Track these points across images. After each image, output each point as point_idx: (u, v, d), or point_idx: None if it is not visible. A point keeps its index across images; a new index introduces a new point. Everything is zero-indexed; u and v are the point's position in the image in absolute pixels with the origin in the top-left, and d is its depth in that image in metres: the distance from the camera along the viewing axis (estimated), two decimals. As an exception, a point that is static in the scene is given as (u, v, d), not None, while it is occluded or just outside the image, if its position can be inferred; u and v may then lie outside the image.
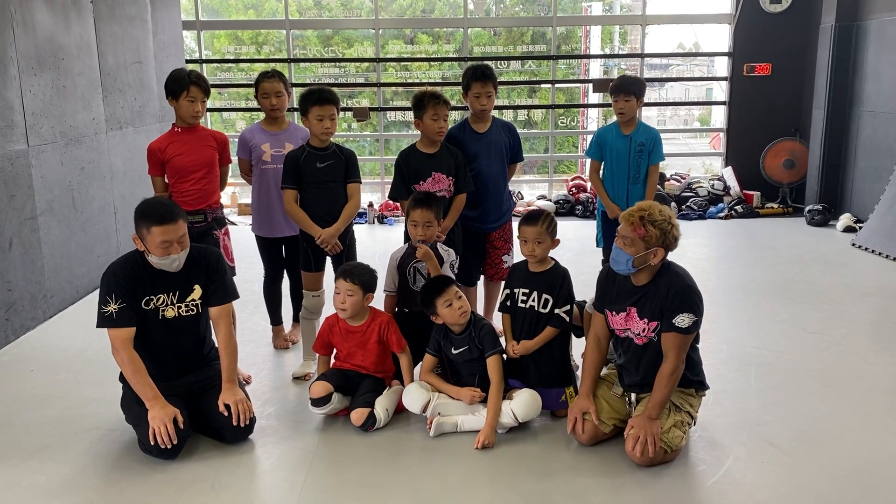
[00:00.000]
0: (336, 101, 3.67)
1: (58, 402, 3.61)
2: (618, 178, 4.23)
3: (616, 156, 4.22)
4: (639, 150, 4.17)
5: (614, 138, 4.24)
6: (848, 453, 3.02)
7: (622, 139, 4.21)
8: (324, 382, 3.30)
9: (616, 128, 4.26)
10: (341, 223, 3.69)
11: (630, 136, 4.19)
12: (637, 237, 2.86)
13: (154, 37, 6.67)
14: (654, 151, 4.21)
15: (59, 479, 2.91)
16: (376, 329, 3.42)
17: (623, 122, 4.22)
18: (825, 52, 7.58)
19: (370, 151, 9.80)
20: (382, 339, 3.42)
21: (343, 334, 3.44)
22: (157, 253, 2.99)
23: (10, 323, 4.45)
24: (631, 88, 4.14)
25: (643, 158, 4.18)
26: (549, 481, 2.85)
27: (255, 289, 4.43)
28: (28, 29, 4.73)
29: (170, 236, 2.98)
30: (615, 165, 4.24)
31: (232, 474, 2.93)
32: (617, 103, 4.16)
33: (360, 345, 3.42)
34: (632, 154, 4.17)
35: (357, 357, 3.43)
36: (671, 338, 2.89)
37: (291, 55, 8.64)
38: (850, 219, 7.14)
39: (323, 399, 3.27)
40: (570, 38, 10.78)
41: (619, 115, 4.19)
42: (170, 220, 2.98)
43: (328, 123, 3.62)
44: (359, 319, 3.43)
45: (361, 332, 3.42)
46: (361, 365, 3.43)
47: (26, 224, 4.64)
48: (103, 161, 5.69)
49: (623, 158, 4.20)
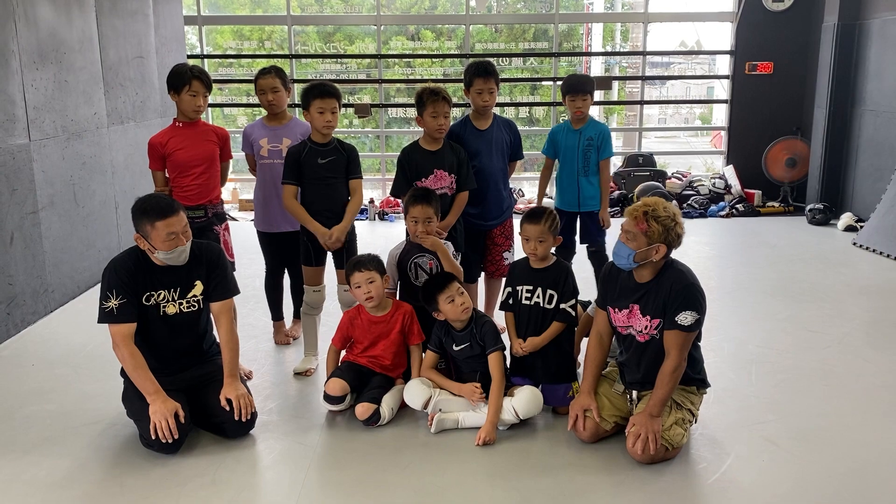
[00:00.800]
0: (338, 94, 3.66)
1: (59, 397, 3.61)
2: (569, 171, 4.41)
3: (566, 150, 4.40)
4: (587, 143, 4.35)
5: (565, 135, 4.42)
6: (849, 452, 3.03)
7: (572, 134, 4.39)
8: (342, 381, 3.30)
9: (567, 125, 4.45)
10: (347, 220, 3.69)
11: (580, 131, 4.36)
12: (639, 231, 2.86)
13: (156, 31, 6.66)
14: (604, 146, 4.38)
15: (60, 473, 2.91)
16: (400, 319, 3.43)
17: (576, 120, 4.38)
18: (827, 51, 7.57)
19: (371, 148, 9.80)
20: (405, 330, 3.43)
21: (366, 325, 3.44)
22: (164, 247, 2.99)
23: (11, 317, 4.45)
24: (588, 88, 4.32)
25: (592, 152, 4.36)
26: (549, 478, 2.85)
27: (257, 284, 4.43)
28: (30, 23, 4.73)
29: (174, 228, 2.98)
30: (566, 159, 4.42)
31: (233, 469, 2.93)
32: (574, 102, 4.30)
33: (384, 335, 3.42)
34: (580, 148, 4.35)
35: (378, 348, 3.43)
36: (674, 335, 2.89)
37: (293, 51, 8.64)
38: (852, 218, 7.14)
39: (339, 398, 3.28)
40: (571, 35, 10.77)
41: (576, 113, 4.33)
42: (171, 212, 2.99)
43: (329, 117, 3.62)
44: (382, 309, 3.44)
45: (385, 322, 3.43)
46: (380, 357, 3.42)
47: (27, 218, 4.64)
48: (105, 156, 5.68)
49: (573, 152, 4.37)
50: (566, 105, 4.37)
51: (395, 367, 3.47)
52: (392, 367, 3.45)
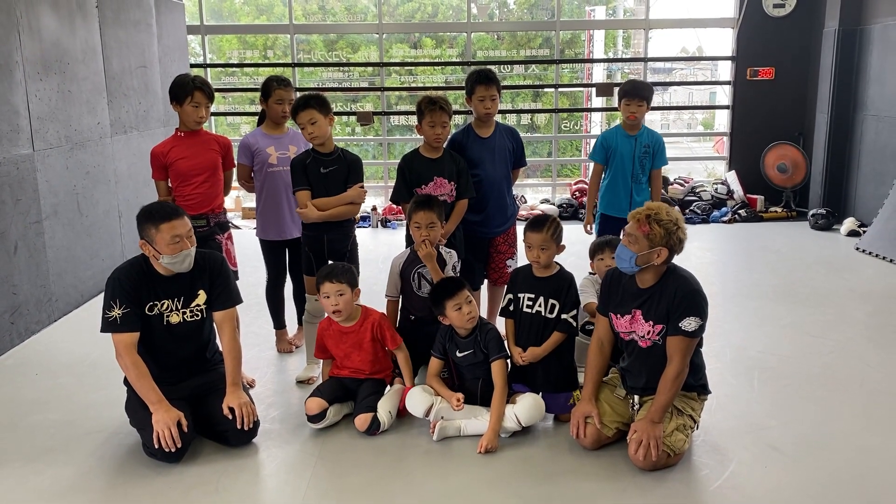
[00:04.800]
0: (312, 104, 3.62)
1: (62, 406, 3.62)
2: (623, 177, 4.34)
3: (621, 157, 4.34)
4: (644, 151, 4.31)
5: (620, 140, 4.35)
6: (851, 457, 3.02)
7: (628, 140, 4.33)
8: (318, 399, 3.30)
9: (621, 130, 4.37)
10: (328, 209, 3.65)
11: (635, 137, 4.32)
12: (641, 234, 2.87)
13: (159, 41, 6.70)
14: (658, 155, 4.35)
15: (63, 483, 2.92)
16: (370, 328, 3.41)
17: (630, 125, 4.32)
18: (829, 57, 7.58)
19: (373, 155, 9.82)
20: (377, 338, 3.42)
21: (337, 337, 3.43)
22: (169, 251, 3.00)
23: (14, 326, 4.47)
24: (645, 94, 4.27)
25: (647, 160, 4.32)
26: (551, 485, 2.85)
27: (259, 293, 4.44)
28: (34, 34, 4.76)
29: (179, 231, 3.00)
30: (620, 166, 4.35)
31: (236, 478, 2.93)
32: (629, 107, 4.26)
33: (356, 345, 3.41)
34: (637, 155, 4.30)
35: (354, 359, 3.43)
36: (677, 341, 2.89)
37: (296, 59, 8.67)
38: (854, 223, 7.13)
39: (318, 416, 3.28)
40: (573, 42, 10.79)
41: (630, 118, 4.29)
42: (176, 215, 3.03)
43: (310, 129, 3.63)
44: (351, 320, 3.42)
45: (355, 333, 3.41)
46: (359, 368, 3.43)
47: (31, 228, 4.66)
48: (108, 165, 5.71)
49: (628, 159, 4.32)
50: (621, 109, 4.32)
51: (380, 371, 3.46)
52: (376, 373, 3.45)
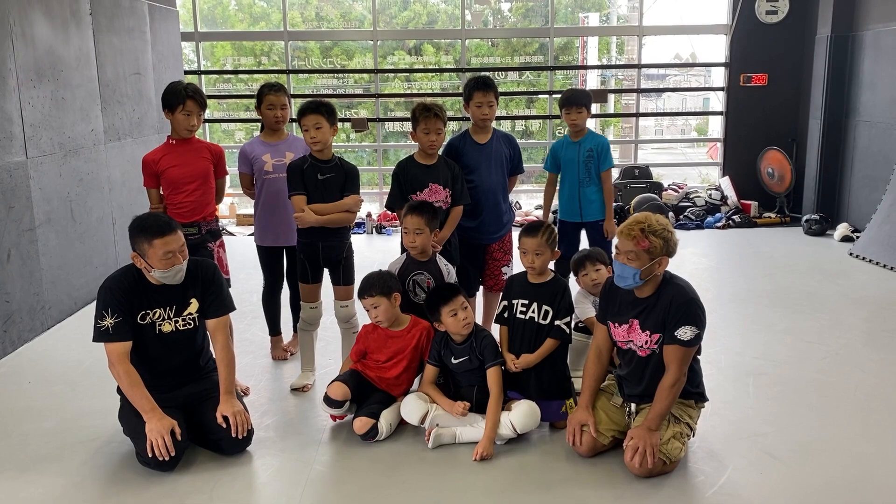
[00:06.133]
0: (322, 110, 3.63)
1: (55, 414, 3.60)
2: (570, 182, 4.52)
3: (567, 163, 4.52)
4: (588, 155, 4.47)
5: (565, 148, 4.54)
6: (847, 463, 3.02)
7: (573, 146, 4.51)
8: (344, 387, 3.30)
9: (567, 139, 4.57)
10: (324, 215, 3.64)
11: (579, 143, 4.49)
12: (641, 250, 2.86)
13: (153, 48, 6.70)
14: (603, 157, 4.50)
15: (56, 492, 2.90)
16: (417, 335, 3.43)
17: (574, 132, 4.50)
18: (821, 63, 7.62)
19: (369, 162, 9.81)
20: (420, 346, 3.43)
21: (382, 340, 3.44)
22: (161, 266, 2.99)
23: (7, 334, 4.44)
24: (583, 101, 4.45)
25: (592, 163, 4.48)
26: (547, 493, 2.84)
27: (254, 300, 4.43)
28: (27, 41, 4.75)
29: (171, 247, 2.98)
30: (567, 171, 4.53)
31: (230, 486, 2.92)
32: (570, 115, 4.44)
33: (400, 350, 3.41)
34: (581, 160, 4.47)
35: (391, 362, 3.41)
36: (673, 350, 2.89)
37: (290, 66, 8.67)
38: (848, 228, 7.16)
39: (338, 402, 3.28)
40: (567, 48, 10.81)
41: (572, 126, 4.47)
42: (169, 231, 3.00)
43: (313, 133, 3.63)
44: (399, 325, 3.45)
45: (401, 337, 3.43)
46: (390, 371, 3.41)
47: (25, 235, 4.64)
48: (102, 172, 5.69)
49: (574, 164, 4.49)
50: (563, 119, 4.47)
51: (400, 385, 3.45)
52: (396, 385, 3.44)
